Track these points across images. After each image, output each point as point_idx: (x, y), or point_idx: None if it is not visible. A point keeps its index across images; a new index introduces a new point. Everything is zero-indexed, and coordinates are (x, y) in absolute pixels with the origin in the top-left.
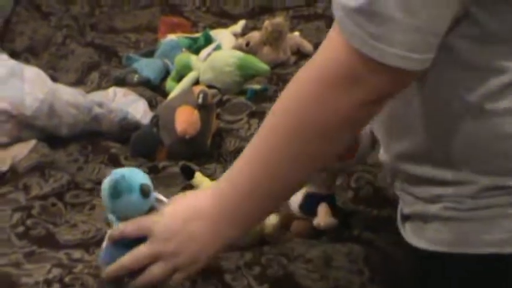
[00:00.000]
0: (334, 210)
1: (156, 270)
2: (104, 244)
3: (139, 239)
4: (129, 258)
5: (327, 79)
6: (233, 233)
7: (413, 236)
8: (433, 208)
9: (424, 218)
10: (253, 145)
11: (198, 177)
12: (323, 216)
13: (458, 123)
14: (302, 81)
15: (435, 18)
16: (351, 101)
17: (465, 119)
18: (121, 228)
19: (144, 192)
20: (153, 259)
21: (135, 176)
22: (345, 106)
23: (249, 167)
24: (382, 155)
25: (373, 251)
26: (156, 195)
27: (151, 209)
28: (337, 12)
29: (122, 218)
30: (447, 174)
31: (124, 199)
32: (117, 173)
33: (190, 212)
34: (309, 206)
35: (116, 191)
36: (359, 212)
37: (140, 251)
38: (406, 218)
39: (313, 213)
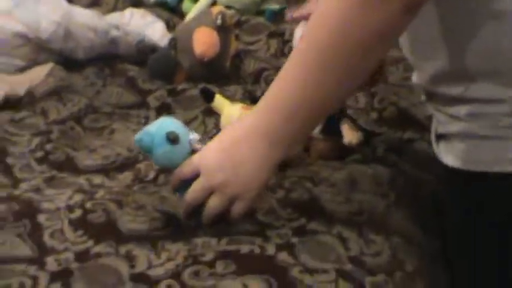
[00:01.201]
0: (355, 125)
1: (212, 203)
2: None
3: None
4: (188, 195)
5: None
6: (279, 153)
7: (448, 155)
8: (470, 127)
9: (459, 137)
10: (292, 63)
11: (218, 99)
12: (351, 133)
13: (482, 33)
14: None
15: None
16: (382, 15)
17: (488, 27)
18: (176, 173)
19: (172, 139)
20: (208, 192)
21: (160, 127)
22: (377, 20)
23: (290, 85)
24: (415, 77)
25: (398, 174)
26: (194, 136)
27: (193, 152)
28: None
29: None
30: (478, 92)
31: (157, 153)
32: (142, 131)
33: (233, 139)
34: (332, 126)
35: (144, 149)
36: (383, 133)
37: (194, 187)
38: (441, 137)
39: (337, 134)
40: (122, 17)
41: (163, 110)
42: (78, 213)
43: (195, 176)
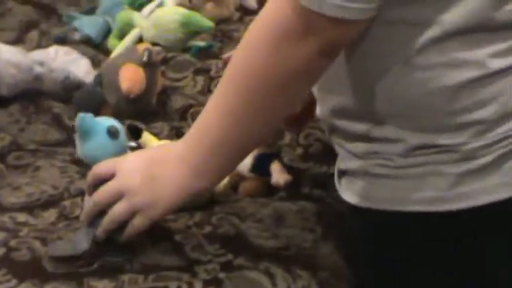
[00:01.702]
0: (285, 167)
1: (117, 208)
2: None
3: None
4: (98, 193)
5: (273, 33)
6: (199, 184)
7: (347, 191)
8: (366, 164)
9: (357, 174)
10: (214, 97)
11: (146, 136)
12: (279, 174)
13: (385, 78)
14: (251, 36)
15: None
16: (300, 54)
17: (392, 74)
18: (93, 168)
19: (112, 133)
20: (116, 196)
21: (105, 120)
22: (294, 59)
23: (211, 120)
24: (318, 110)
25: (325, 208)
26: (131, 143)
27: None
28: None
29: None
30: (376, 131)
31: (92, 141)
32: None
33: (157, 156)
34: (262, 166)
35: (83, 131)
36: (309, 169)
37: (105, 186)
38: (341, 173)
39: (266, 173)
40: (46, 54)
41: None
42: (1, 251)
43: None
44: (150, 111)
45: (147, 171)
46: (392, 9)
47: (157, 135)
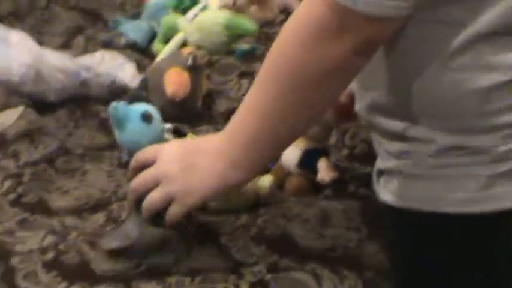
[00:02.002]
0: (332, 163)
1: (152, 194)
2: None
3: None
4: (136, 179)
5: (308, 31)
6: (235, 176)
7: (383, 190)
8: (400, 164)
9: (393, 174)
10: (253, 91)
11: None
12: (325, 171)
13: (421, 78)
14: (286, 34)
15: None
16: (335, 52)
17: (427, 74)
18: (136, 155)
19: (146, 117)
20: (154, 183)
21: (137, 106)
22: (329, 57)
23: (249, 113)
24: (357, 105)
25: (370, 208)
26: (168, 125)
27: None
28: None
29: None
30: (410, 130)
31: (128, 128)
32: (119, 103)
33: (196, 147)
34: (309, 162)
35: (117, 119)
36: (354, 169)
37: (144, 173)
38: (379, 172)
39: (313, 169)
40: (92, 59)
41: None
42: (51, 255)
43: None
44: (196, 114)
45: (185, 160)
46: (429, 9)
47: None
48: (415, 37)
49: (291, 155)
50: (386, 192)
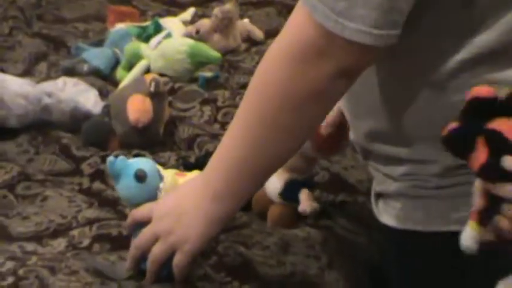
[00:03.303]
0: (313, 194)
1: (155, 250)
2: None
3: None
4: (136, 239)
5: (294, 53)
6: (221, 208)
7: (384, 213)
8: (402, 186)
9: (394, 196)
10: (235, 120)
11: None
12: (307, 202)
13: (417, 102)
14: (270, 57)
15: None
16: (318, 75)
17: (423, 97)
18: (131, 213)
19: (138, 176)
20: (154, 238)
21: (136, 162)
22: (313, 79)
23: (232, 143)
24: (352, 134)
25: (330, 236)
26: (161, 184)
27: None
28: None
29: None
30: (412, 153)
31: (122, 183)
32: (119, 157)
33: (182, 190)
34: (291, 192)
35: (112, 173)
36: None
37: (143, 232)
38: (378, 196)
39: (295, 200)
40: (55, 85)
41: (97, 176)
42: (10, 280)
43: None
44: (158, 141)
45: (177, 209)
46: (422, 35)
47: (164, 164)
48: (408, 62)
49: (274, 185)
50: (386, 215)
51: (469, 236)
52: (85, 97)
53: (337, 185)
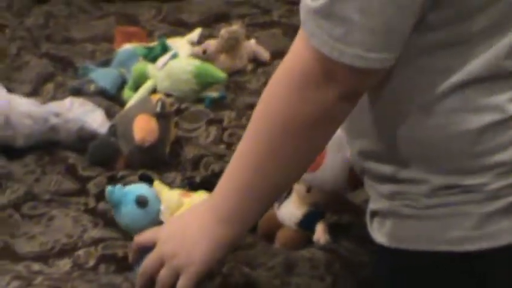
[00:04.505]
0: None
1: (160, 275)
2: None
3: None
4: (143, 265)
5: (294, 79)
6: (227, 232)
7: (377, 232)
8: (393, 205)
9: (386, 215)
10: (242, 145)
11: (157, 185)
12: (322, 233)
13: (406, 124)
14: (274, 83)
15: (393, 21)
16: (320, 100)
17: (412, 119)
18: (135, 239)
19: (140, 202)
20: (159, 264)
21: (135, 187)
22: (315, 105)
23: (239, 167)
24: (349, 153)
25: (335, 257)
26: (162, 207)
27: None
28: (301, 12)
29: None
30: (402, 173)
31: (123, 211)
32: (116, 186)
33: (188, 214)
34: (309, 223)
35: (112, 203)
36: None
37: (149, 257)
38: (373, 214)
39: (311, 230)
40: (61, 105)
41: (103, 196)
42: None
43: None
44: (163, 161)
45: (181, 232)
46: (412, 59)
47: (170, 185)
48: (398, 85)
49: (292, 213)
50: (380, 234)
51: None
52: (92, 117)
53: (341, 205)
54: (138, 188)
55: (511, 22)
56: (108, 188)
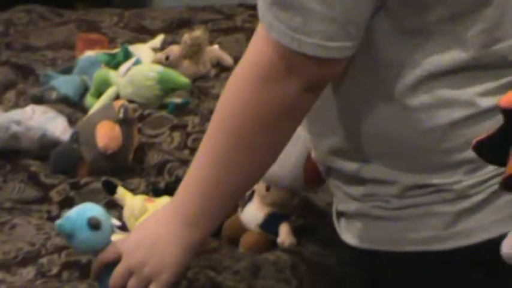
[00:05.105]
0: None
1: (131, 284)
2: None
3: None
4: (112, 280)
5: (258, 72)
6: (193, 234)
7: (346, 233)
8: (363, 206)
9: (355, 216)
10: (203, 144)
11: (121, 191)
12: (287, 235)
13: (373, 119)
14: (237, 78)
15: (352, 9)
16: (284, 92)
17: (380, 114)
18: (99, 259)
19: (93, 225)
20: (128, 275)
21: (81, 212)
22: (279, 97)
23: (201, 166)
24: (313, 153)
25: (300, 260)
26: (117, 223)
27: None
28: (259, 5)
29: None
30: (371, 172)
31: (79, 239)
32: (63, 217)
33: (151, 221)
34: (271, 225)
35: (65, 233)
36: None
37: (116, 270)
38: (340, 214)
39: (274, 232)
40: (23, 113)
41: (66, 204)
42: None
43: (118, 262)
44: (127, 167)
45: (147, 240)
46: (375, 51)
47: (133, 191)
48: (364, 79)
49: (253, 216)
50: (348, 234)
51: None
52: (54, 125)
53: (305, 208)
54: (85, 210)
55: (475, 15)
56: (56, 223)
